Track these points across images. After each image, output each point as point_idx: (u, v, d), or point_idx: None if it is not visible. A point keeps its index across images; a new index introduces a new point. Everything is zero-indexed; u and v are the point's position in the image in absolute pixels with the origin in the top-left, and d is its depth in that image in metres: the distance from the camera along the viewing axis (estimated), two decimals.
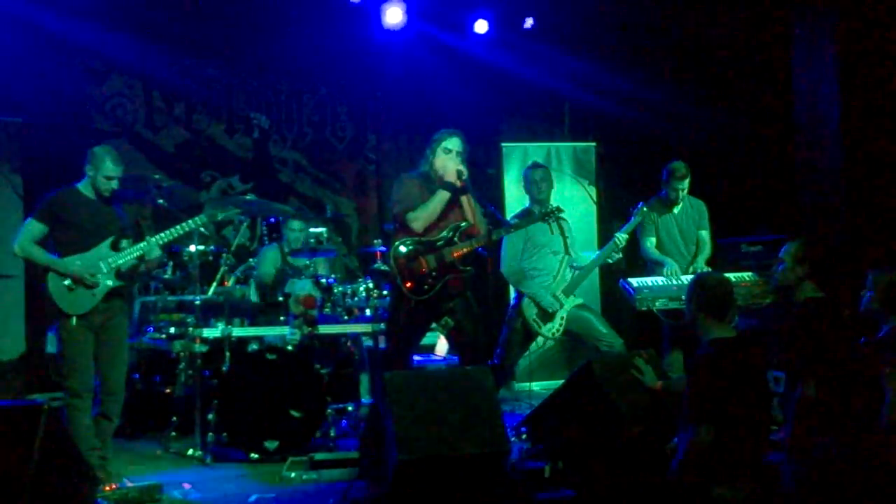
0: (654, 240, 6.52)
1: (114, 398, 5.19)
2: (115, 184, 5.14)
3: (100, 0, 7.80)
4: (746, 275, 6.32)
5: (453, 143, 5.37)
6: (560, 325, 6.09)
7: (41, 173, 7.42)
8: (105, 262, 5.10)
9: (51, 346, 6.49)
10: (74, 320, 5.03)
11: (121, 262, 5.14)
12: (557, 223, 6.10)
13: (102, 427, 5.15)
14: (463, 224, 5.32)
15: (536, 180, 6.20)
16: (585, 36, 8.80)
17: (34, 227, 5.08)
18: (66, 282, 5.02)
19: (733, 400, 3.86)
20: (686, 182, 6.46)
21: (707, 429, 3.83)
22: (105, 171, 5.09)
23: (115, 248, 5.15)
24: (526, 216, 6.12)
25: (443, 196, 5.26)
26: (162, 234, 5.27)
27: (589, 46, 8.82)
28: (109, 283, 5.11)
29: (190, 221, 5.41)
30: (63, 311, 5.02)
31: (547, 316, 6.06)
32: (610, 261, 6.17)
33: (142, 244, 5.17)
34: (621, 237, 6.09)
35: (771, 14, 7.76)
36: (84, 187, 5.18)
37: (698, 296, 4.14)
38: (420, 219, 5.27)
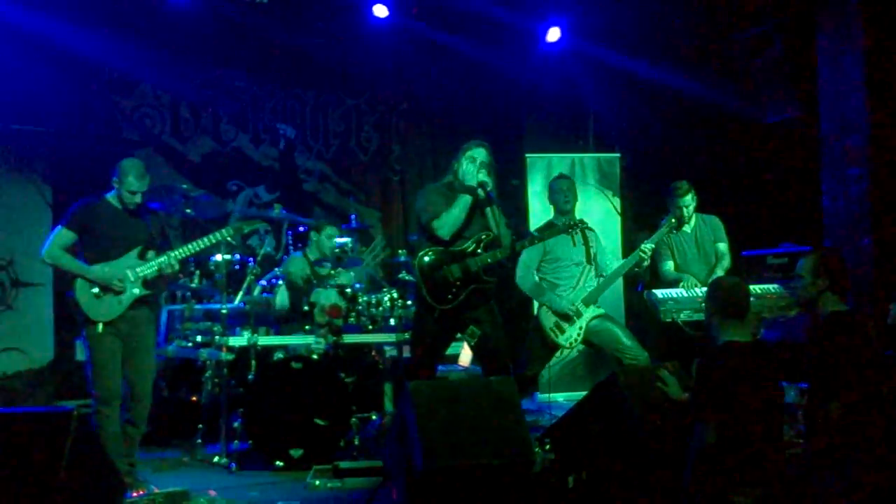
0: (671, 263, 6.46)
1: (141, 405, 5.23)
2: (138, 198, 5.19)
3: (127, 14, 7.90)
4: (772, 287, 6.28)
5: (479, 153, 5.40)
6: (578, 334, 6.01)
7: (70, 182, 7.51)
8: (132, 271, 5.15)
9: (80, 354, 6.56)
10: (101, 327, 5.08)
11: (148, 271, 5.19)
12: (582, 234, 6.08)
13: (130, 434, 5.20)
14: (487, 235, 5.34)
15: (563, 190, 6.17)
16: (610, 47, 8.80)
17: (63, 235, 5.14)
18: (95, 289, 5.07)
19: (741, 402, 3.86)
20: (688, 198, 6.38)
21: (712, 427, 3.84)
22: (128, 185, 5.14)
23: (143, 257, 5.20)
24: (548, 228, 6.10)
25: (465, 200, 5.28)
26: (189, 246, 5.32)
27: (613, 58, 8.82)
28: (136, 291, 5.16)
29: (216, 234, 5.46)
30: (90, 318, 5.07)
31: (565, 325, 6.03)
32: (638, 269, 6.14)
33: (161, 258, 5.22)
34: (647, 248, 6.02)
35: (796, 25, 7.73)
36: (112, 198, 5.23)
37: (714, 298, 4.17)
38: (446, 225, 5.30)
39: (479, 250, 5.32)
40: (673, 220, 6.24)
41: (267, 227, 6.78)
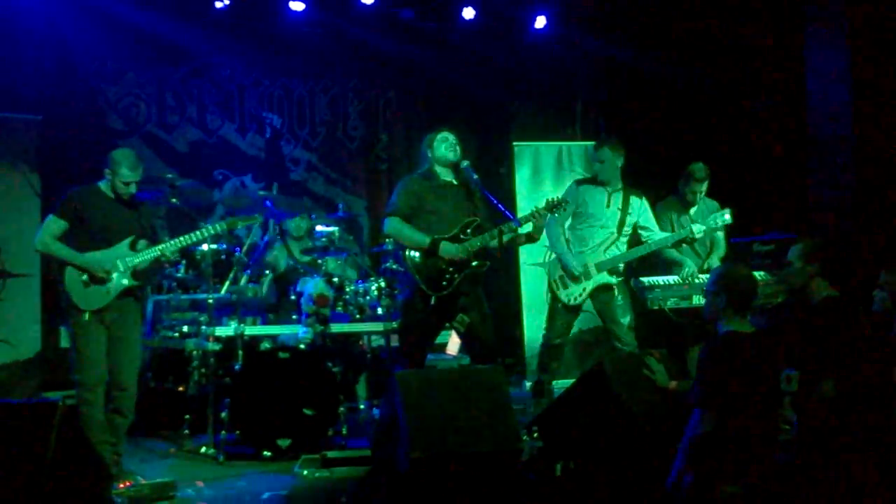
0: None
1: (126, 394, 5.22)
2: (133, 188, 5.19)
3: (113, 2, 7.85)
4: (759, 274, 6.30)
5: (448, 135, 5.51)
6: (581, 294, 6.10)
7: (58, 171, 7.47)
8: (123, 261, 5.14)
9: (65, 341, 6.53)
10: (87, 315, 5.08)
11: (138, 261, 5.18)
12: (624, 198, 6.12)
13: (116, 423, 5.19)
14: (472, 220, 5.36)
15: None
16: (597, 35, 8.80)
17: (55, 224, 5.13)
18: (84, 277, 5.07)
19: (742, 393, 3.86)
20: (705, 185, 6.48)
21: (712, 415, 3.84)
22: (122, 176, 5.13)
23: (133, 247, 5.20)
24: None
25: (423, 242, 5.29)
26: (181, 239, 5.31)
27: (601, 46, 8.82)
28: (125, 281, 5.15)
29: (209, 227, 5.46)
30: (77, 305, 5.07)
31: (570, 281, 6.08)
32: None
33: (160, 246, 5.21)
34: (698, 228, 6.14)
35: (785, 16, 7.74)
36: (105, 187, 5.22)
37: (725, 287, 4.05)
38: (394, 233, 5.40)
39: (462, 236, 5.35)
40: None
41: (260, 219, 6.76)
